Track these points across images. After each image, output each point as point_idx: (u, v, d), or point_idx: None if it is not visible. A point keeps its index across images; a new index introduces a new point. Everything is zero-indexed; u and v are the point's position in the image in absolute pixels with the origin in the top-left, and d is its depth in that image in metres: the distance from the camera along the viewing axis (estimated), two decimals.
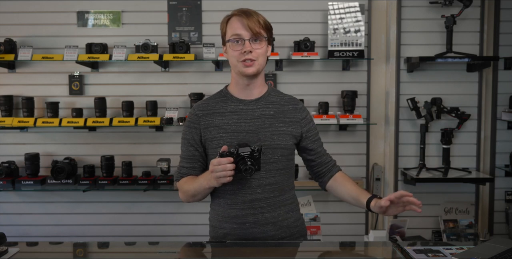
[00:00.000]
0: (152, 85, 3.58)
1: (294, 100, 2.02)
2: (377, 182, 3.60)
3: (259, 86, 1.95)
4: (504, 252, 1.63)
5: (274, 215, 1.91)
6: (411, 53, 3.52)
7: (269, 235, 1.90)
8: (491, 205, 3.61)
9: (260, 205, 1.89)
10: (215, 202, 1.97)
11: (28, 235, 3.60)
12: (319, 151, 2.03)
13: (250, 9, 1.89)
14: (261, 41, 1.86)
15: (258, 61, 1.86)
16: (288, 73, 3.57)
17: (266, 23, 1.88)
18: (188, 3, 3.54)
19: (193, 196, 1.92)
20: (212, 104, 1.96)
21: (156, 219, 3.63)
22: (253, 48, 1.84)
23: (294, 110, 1.97)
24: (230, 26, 1.87)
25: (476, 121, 3.57)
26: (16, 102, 3.53)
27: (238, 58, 1.85)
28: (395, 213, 1.81)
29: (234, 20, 1.87)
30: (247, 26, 1.83)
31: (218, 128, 1.90)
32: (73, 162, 3.47)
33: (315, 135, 2.02)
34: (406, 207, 1.78)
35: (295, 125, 1.95)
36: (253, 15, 1.86)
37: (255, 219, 1.89)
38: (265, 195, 1.89)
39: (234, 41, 1.85)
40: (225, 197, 1.92)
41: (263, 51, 1.88)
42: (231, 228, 1.91)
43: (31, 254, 1.86)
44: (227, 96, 1.96)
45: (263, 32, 1.86)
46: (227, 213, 1.91)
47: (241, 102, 1.93)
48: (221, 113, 1.92)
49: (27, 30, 3.55)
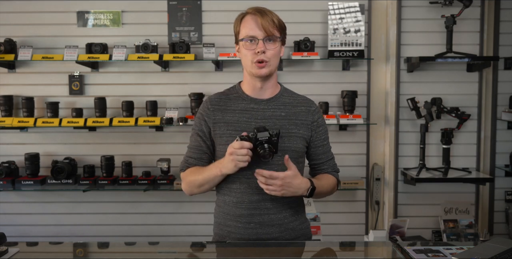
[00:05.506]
0: (152, 85, 3.58)
1: (308, 102, 1.98)
2: (377, 182, 3.60)
3: (272, 87, 1.93)
4: (504, 252, 1.63)
5: (280, 217, 1.90)
6: (411, 53, 3.52)
7: (273, 236, 1.89)
8: (491, 205, 3.61)
9: (266, 206, 1.88)
10: (221, 199, 1.96)
11: (28, 235, 3.60)
12: (320, 158, 1.99)
13: (264, 8, 1.86)
14: (275, 41, 1.84)
15: (271, 62, 1.84)
16: (288, 73, 3.57)
17: (280, 23, 1.86)
18: (188, 3, 3.54)
19: (200, 186, 1.90)
20: (224, 100, 1.94)
21: (156, 219, 3.63)
22: (266, 49, 1.82)
23: (307, 112, 1.94)
24: (244, 24, 1.84)
25: (476, 121, 3.57)
26: (16, 102, 3.53)
27: (252, 58, 1.83)
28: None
29: (248, 19, 1.84)
30: (261, 26, 1.80)
31: (227, 124, 1.89)
32: (73, 162, 3.47)
33: (322, 140, 1.97)
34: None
35: (306, 127, 1.92)
36: (268, 14, 1.83)
37: (260, 220, 1.88)
38: (271, 196, 1.86)
39: (247, 40, 1.83)
40: (231, 195, 1.91)
41: (277, 52, 1.85)
42: (236, 227, 1.90)
43: (31, 254, 1.86)
44: (239, 93, 1.94)
45: (277, 32, 1.84)
46: (233, 211, 1.90)
47: (253, 100, 1.92)
48: (232, 110, 1.91)
49: (27, 30, 3.55)
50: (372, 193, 3.61)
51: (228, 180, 1.90)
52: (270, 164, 1.82)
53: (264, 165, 1.81)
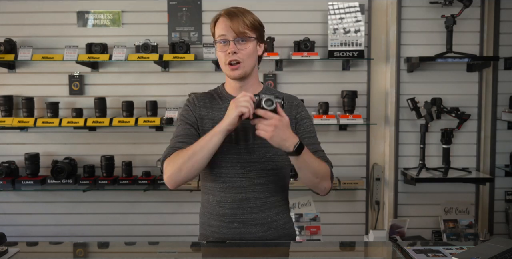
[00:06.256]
0: (152, 85, 3.58)
1: (290, 98, 1.97)
2: (377, 182, 3.60)
3: (252, 86, 1.92)
4: (504, 252, 1.63)
5: (263, 216, 1.88)
6: (411, 53, 3.52)
7: (256, 236, 1.88)
8: (491, 205, 3.61)
9: (250, 205, 1.87)
10: (205, 199, 1.95)
11: (28, 235, 3.59)
12: (308, 149, 1.87)
13: (237, 9, 1.85)
14: (247, 41, 1.83)
15: (245, 62, 1.83)
16: (288, 73, 3.57)
17: (253, 23, 1.84)
18: (188, 3, 3.54)
19: (189, 158, 1.72)
20: (209, 98, 1.95)
21: (156, 219, 3.63)
22: (238, 49, 1.81)
23: (290, 108, 1.93)
24: (217, 26, 1.86)
25: (476, 121, 3.57)
26: (16, 102, 3.53)
27: (224, 59, 1.83)
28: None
29: (220, 21, 1.85)
30: (230, 28, 1.81)
31: (212, 121, 1.88)
32: (73, 162, 3.47)
33: (306, 133, 1.92)
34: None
35: (291, 122, 1.86)
36: (239, 15, 1.82)
37: (243, 219, 1.87)
38: (255, 195, 1.86)
39: (220, 41, 1.84)
40: (214, 194, 1.90)
41: (249, 51, 1.84)
42: (218, 227, 1.89)
43: (31, 254, 1.86)
44: (223, 93, 1.95)
45: (249, 32, 1.83)
46: (216, 210, 1.89)
47: None
48: (217, 108, 1.91)
49: (27, 30, 3.55)
50: (372, 193, 3.61)
51: (212, 179, 1.89)
52: (245, 176, 1.83)
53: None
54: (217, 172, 1.86)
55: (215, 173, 1.87)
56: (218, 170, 1.86)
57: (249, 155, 1.83)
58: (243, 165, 1.85)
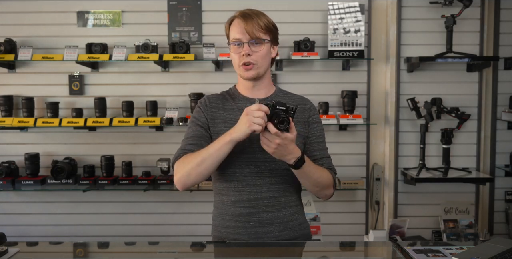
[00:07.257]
0: (152, 85, 3.58)
1: (303, 100, 2.00)
2: (377, 182, 3.60)
3: (265, 87, 1.95)
4: (504, 252, 1.63)
5: (279, 216, 1.89)
6: (411, 53, 3.52)
7: (273, 235, 1.88)
8: (491, 205, 3.61)
9: (265, 204, 1.88)
10: (218, 200, 1.95)
11: (28, 235, 3.59)
12: (315, 154, 1.95)
13: (252, 11, 1.88)
14: (261, 43, 1.86)
15: (258, 64, 1.86)
16: (288, 73, 3.57)
17: (267, 25, 1.87)
18: (188, 3, 3.54)
19: (200, 164, 1.75)
20: (222, 99, 1.96)
21: (156, 219, 3.63)
22: (252, 51, 1.84)
23: (302, 110, 1.95)
24: (232, 28, 1.89)
25: (476, 121, 3.57)
26: (16, 102, 3.53)
27: (239, 61, 1.86)
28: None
29: (235, 23, 1.88)
30: (245, 30, 1.84)
31: (225, 121, 1.90)
32: (73, 162, 3.47)
33: (316, 138, 1.97)
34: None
35: (303, 124, 1.93)
36: (254, 17, 1.85)
37: (259, 218, 1.87)
38: (270, 194, 1.87)
39: (234, 43, 1.87)
40: (229, 194, 1.90)
41: (263, 53, 1.87)
42: (234, 227, 1.89)
43: (31, 254, 1.86)
44: (235, 94, 1.97)
45: (263, 35, 1.86)
46: (231, 211, 1.90)
47: (249, 100, 1.92)
48: (229, 108, 1.93)
49: (27, 30, 3.55)
50: (372, 193, 3.61)
51: (226, 179, 1.89)
52: (259, 176, 1.85)
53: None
54: (231, 171, 1.87)
55: (229, 173, 1.88)
56: (232, 169, 1.87)
57: (263, 154, 1.82)
58: (257, 164, 1.86)
